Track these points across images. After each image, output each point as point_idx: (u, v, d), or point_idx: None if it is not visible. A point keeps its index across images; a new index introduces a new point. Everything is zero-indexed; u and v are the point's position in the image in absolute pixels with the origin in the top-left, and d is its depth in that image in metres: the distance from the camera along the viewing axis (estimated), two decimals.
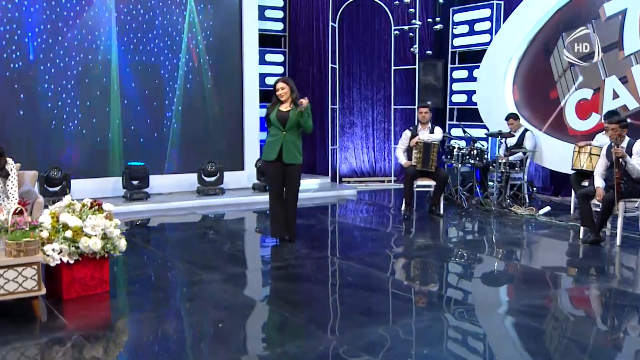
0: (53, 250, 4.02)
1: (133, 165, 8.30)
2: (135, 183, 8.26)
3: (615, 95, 7.81)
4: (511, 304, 4.45)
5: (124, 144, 8.58)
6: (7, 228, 3.83)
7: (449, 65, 10.54)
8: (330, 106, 10.23)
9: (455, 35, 10.43)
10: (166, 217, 7.65)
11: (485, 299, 4.57)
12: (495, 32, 9.60)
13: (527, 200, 8.18)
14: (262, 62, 9.97)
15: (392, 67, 10.62)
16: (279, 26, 10.50)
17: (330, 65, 10.15)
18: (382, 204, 9.03)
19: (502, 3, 9.78)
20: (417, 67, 10.52)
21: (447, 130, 10.21)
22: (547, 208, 7.65)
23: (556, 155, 8.27)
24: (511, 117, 8.44)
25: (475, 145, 8.08)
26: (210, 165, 8.79)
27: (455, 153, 8.10)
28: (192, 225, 7.38)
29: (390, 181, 10.72)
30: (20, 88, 7.84)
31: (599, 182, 6.01)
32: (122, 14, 8.47)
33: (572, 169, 7.21)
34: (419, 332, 3.73)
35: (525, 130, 8.41)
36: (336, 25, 10.30)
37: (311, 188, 9.48)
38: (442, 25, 9.55)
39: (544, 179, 9.21)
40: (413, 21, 9.85)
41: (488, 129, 8.91)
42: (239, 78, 9.43)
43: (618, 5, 7.75)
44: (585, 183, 6.85)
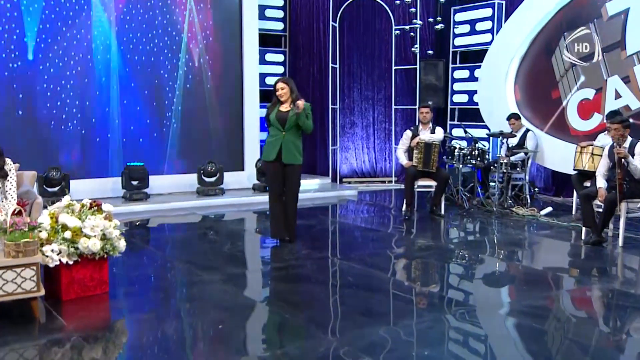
0: (52, 251, 4.01)
1: (132, 165, 8.29)
2: (135, 183, 8.25)
3: (618, 95, 7.78)
4: (513, 305, 4.43)
5: (124, 144, 8.55)
6: (6, 229, 3.82)
7: (450, 65, 10.51)
8: (330, 106, 10.21)
9: (456, 35, 10.41)
10: (166, 218, 7.64)
11: (487, 300, 4.56)
12: (497, 32, 9.58)
13: (529, 201, 8.16)
14: (263, 61, 9.95)
15: (393, 67, 10.60)
16: (279, 26, 10.49)
17: (330, 65, 10.13)
18: (382, 204, 9.01)
19: (503, 2, 9.76)
20: (418, 67, 10.50)
21: (448, 131, 10.19)
22: (549, 209, 7.63)
23: (558, 156, 8.25)
24: (512, 117, 8.43)
25: (477, 145, 8.08)
26: (210, 166, 8.77)
27: (456, 153, 8.09)
28: (192, 226, 7.36)
29: (391, 181, 10.69)
30: (19, 88, 7.82)
31: (601, 182, 5.99)
32: (121, 14, 8.45)
33: (574, 169, 7.19)
34: (420, 333, 3.71)
35: (527, 130, 8.39)
36: (337, 24, 10.28)
37: (311, 188, 9.46)
38: (443, 25, 9.51)
39: (545, 179, 9.19)
40: (414, 21, 9.82)
41: (489, 129, 8.89)
42: (239, 78, 9.41)
43: (620, 5, 7.72)
44: (587, 183, 6.84)
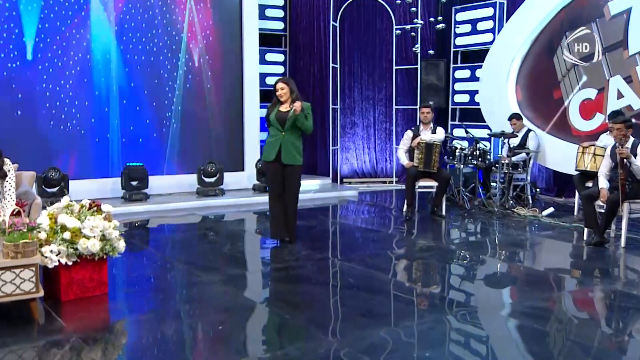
0: (51, 251, 4.00)
1: (132, 165, 8.27)
2: (135, 184, 8.23)
3: (620, 95, 7.75)
4: (514, 306, 4.41)
5: (123, 144, 8.53)
6: (5, 229, 3.81)
7: (451, 65, 10.49)
8: (331, 106, 10.19)
9: (457, 35, 10.38)
10: (165, 218, 7.62)
11: (488, 301, 4.54)
12: (498, 31, 9.55)
13: (530, 201, 8.14)
14: (263, 61, 9.93)
15: (394, 67, 10.58)
16: (279, 25, 10.46)
17: (331, 64, 10.10)
18: (383, 205, 8.99)
19: (505, 2, 9.73)
20: (419, 66, 10.47)
21: (449, 131, 10.17)
22: (551, 209, 7.60)
23: (560, 156, 8.22)
24: (514, 117, 8.40)
25: (478, 145, 8.05)
26: (210, 166, 8.75)
27: (457, 153, 8.08)
28: (191, 227, 7.34)
29: (391, 182, 10.67)
30: (18, 88, 7.79)
31: (603, 183, 5.96)
32: (121, 13, 8.43)
33: (575, 169, 7.16)
34: (421, 334, 3.70)
35: (529, 130, 8.36)
36: (337, 24, 10.26)
37: (312, 189, 9.44)
38: (444, 25, 9.49)
39: (547, 179, 9.16)
40: (415, 20, 9.80)
41: (491, 129, 8.87)
42: (239, 78, 9.39)
43: (623, 4, 7.69)
44: (589, 184, 6.80)
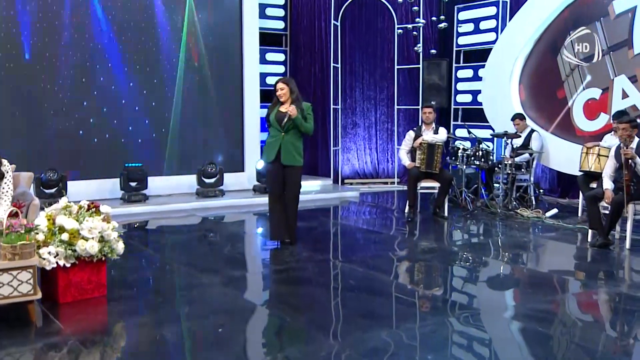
0: (49, 253, 3.98)
1: (131, 166, 8.24)
2: (134, 185, 8.21)
3: (625, 95, 7.71)
4: (517, 308, 4.38)
5: (122, 144, 8.49)
6: (2, 231, 3.79)
7: (454, 65, 10.46)
8: (332, 106, 10.16)
9: (460, 34, 10.35)
10: (165, 220, 7.61)
11: (491, 303, 4.52)
12: (501, 31, 9.51)
13: (534, 203, 8.09)
14: (263, 61, 9.91)
15: (396, 67, 10.55)
16: (280, 24, 10.44)
17: (332, 64, 10.08)
18: (385, 206, 8.96)
19: (508, 1, 9.70)
20: (421, 66, 10.44)
21: (451, 131, 10.13)
22: (554, 210, 7.57)
23: (563, 157, 8.19)
24: (517, 117, 8.37)
25: (481, 146, 8.03)
26: (210, 167, 8.72)
27: (460, 154, 8.06)
28: (191, 228, 7.32)
29: (393, 183, 10.64)
30: (15, 88, 7.77)
31: (607, 183, 5.94)
32: (120, 12, 8.40)
33: (579, 170, 7.13)
34: (423, 337, 3.68)
35: (532, 130, 8.33)
36: (338, 23, 10.23)
37: (313, 190, 9.42)
38: (446, 24, 9.48)
39: (550, 180, 9.11)
40: (417, 19, 9.78)
41: (493, 130, 8.85)
42: (239, 78, 9.36)
43: (628, 3, 7.65)
44: (594, 185, 6.77)
